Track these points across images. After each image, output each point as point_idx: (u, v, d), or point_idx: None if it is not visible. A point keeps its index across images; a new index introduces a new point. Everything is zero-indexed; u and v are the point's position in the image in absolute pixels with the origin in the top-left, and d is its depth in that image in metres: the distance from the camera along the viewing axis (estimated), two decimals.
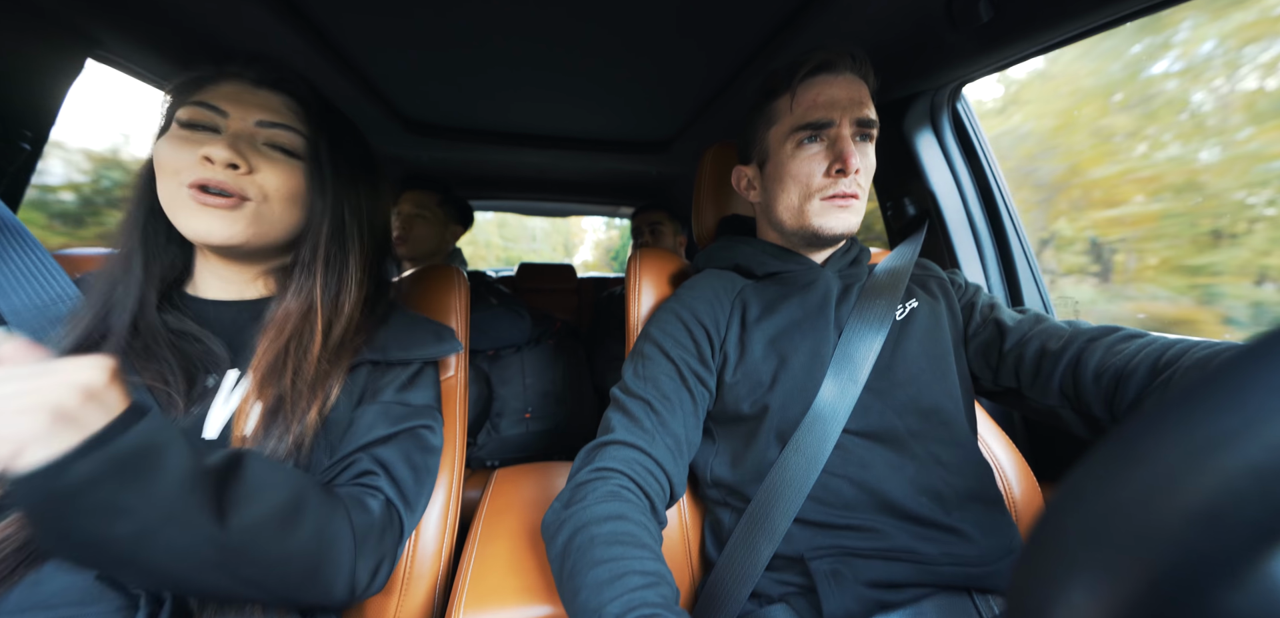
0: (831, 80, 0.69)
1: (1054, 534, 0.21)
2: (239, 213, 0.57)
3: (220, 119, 0.57)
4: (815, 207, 0.70)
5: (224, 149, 0.54)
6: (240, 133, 0.57)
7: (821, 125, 0.68)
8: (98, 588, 0.46)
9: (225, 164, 0.55)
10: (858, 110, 0.68)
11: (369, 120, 1.41)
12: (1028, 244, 1.12)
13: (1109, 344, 0.60)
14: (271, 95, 0.60)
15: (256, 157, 0.57)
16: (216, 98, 0.57)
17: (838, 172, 0.67)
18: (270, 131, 0.59)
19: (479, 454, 1.47)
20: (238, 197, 0.56)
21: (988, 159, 1.14)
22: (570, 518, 0.56)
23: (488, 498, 0.81)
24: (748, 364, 0.69)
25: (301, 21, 0.94)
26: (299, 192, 0.60)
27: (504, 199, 2.58)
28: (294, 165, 0.60)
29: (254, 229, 0.58)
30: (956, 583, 0.59)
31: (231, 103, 0.57)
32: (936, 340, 0.71)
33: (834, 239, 0.73)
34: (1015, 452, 0.89)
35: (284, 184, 0.59)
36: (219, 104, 0.57)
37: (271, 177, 0.58)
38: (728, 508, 0.71)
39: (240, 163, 0.55)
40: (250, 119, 0.58)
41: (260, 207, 0.58)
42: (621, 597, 0.47)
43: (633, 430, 0.65)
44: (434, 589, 0.71)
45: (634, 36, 1.03)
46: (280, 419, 0.55)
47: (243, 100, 0.58)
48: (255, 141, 0.58)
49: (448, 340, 0.73)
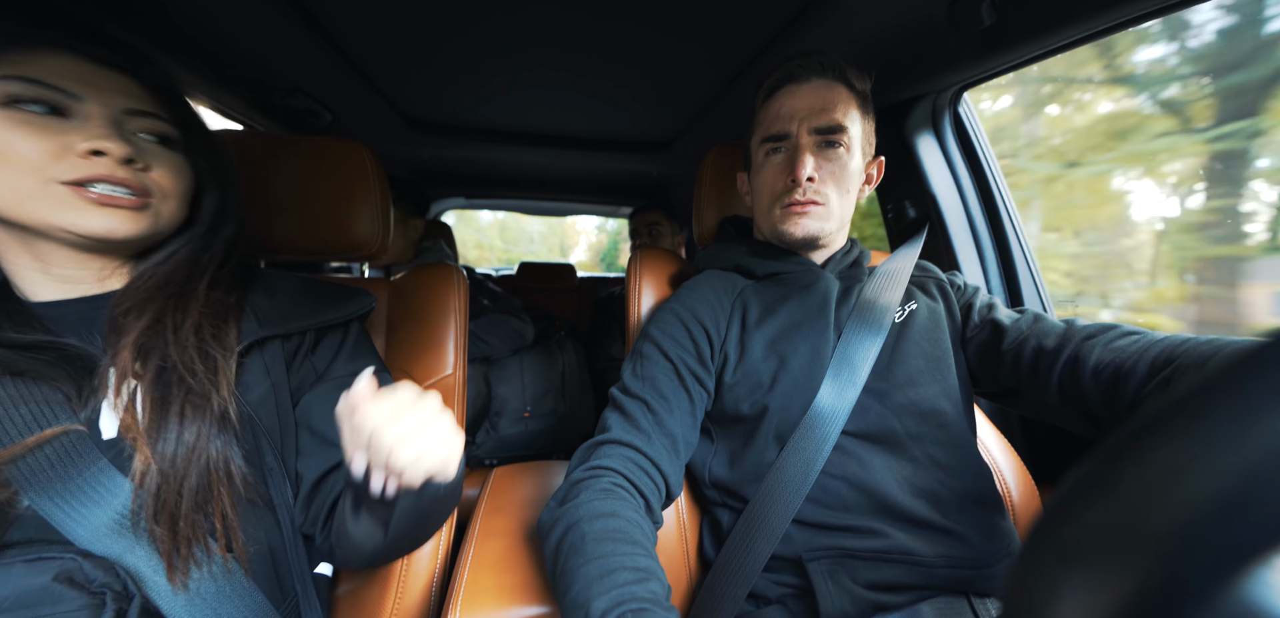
0: (794, 91, 0.72)
1: (1051, 536, 0.21)
2: (144, 213, 0.51)
3: (71, 102, 0.48)
4: (778, 214, 0.74)
5: (118, 143, 0.48)
6: (106, 120, 0.49)
7: (781, 137, 0.72)
8: (57, 589, 0.45)
9: (121, 158, 0.48)
10: (817, 118, 0.70)
11: (369, 117, 1.41)
12: (1028, 246, 1.12)
13: (1106, 341, 0.60)
14: (123, 78, 0.51)
15: (138, 150, 0.51)
16: (52, 75, 0.47)
17: (791, 181, 0.70)
18: (143, 121, 0.52)
19: (477, 453, 1.47)
20: (142, 195, 0.51)
21: (989, 162, 1.14)
22: (564, 516, 0.57)
23: (485, 497, 0.81)
24: (747, 365, 0.69)
25: (303, 18, 0.94)
26: (190, 188, 0.56)
27: (504, 198, 2.59)
28: (178, 157, 0.55)
29: (152, 227, 0.53)
30: (954, 586, 0.59)
31: (81, 84, 0.48)
32: (935, 342, 0.71)
33: (799, 245, 0.75)
34: (1013, 454, 0.88)
35: (178, 181, 0.54)
36: (62, 83, 0.47)
37: (164, 174, 0.53)
38: (726, 508, 0.70)
39: (138, 159, 0.50)
40: (114, 105, 0.50)
41: (160, 205, 0.53)
42: (610, 592, 0.47)
43: (629, 430, 0.65)
44: (430, 588, 0.71)
45: (636, 36, 1.03)
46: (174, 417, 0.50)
47: (95, 83, 0.49)
48: (128, 132, 0.51)
49: (358, 298, 0.69)
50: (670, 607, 0.49)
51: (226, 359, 0.54)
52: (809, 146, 0.70)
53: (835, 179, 0.71)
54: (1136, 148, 1.66)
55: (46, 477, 0.47)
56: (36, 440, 0.47)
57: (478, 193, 2.44)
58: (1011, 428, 1.10)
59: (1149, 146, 1.63)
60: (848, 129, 0.70)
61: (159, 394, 0.50)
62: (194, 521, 0.50)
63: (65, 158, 0.47)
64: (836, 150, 0.71)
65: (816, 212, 0.71)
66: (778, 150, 0.74)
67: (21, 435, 0.46)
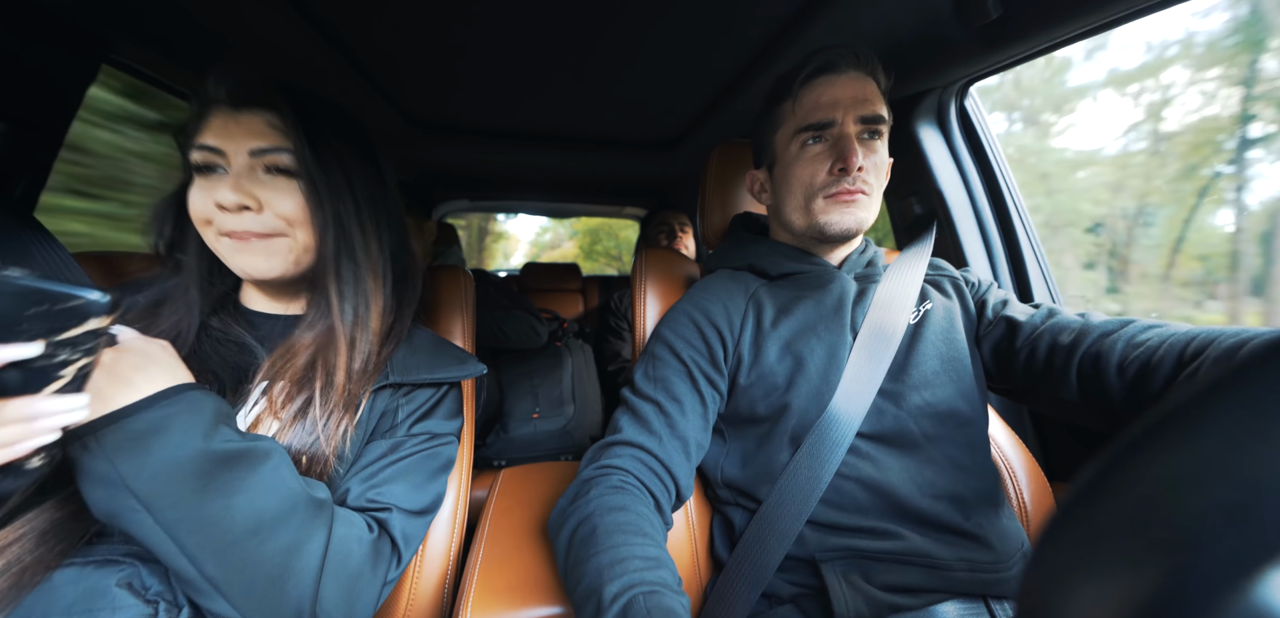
0: (834, 80, 0.69)
1: (1067, 533, 0.21)
2: (276, 245, 0.58)
3: (219, 159, 0.56)
4: (820, 205, 0.70)
5: (229, 192, 0.55)
6: (240, 170, 0.56)
7: (824, 125, 0.69)
8: (117, 595, 0.46)
9: (236, 208, 0.55)
10: (862, 107, 0.68)
11: (374, 119, 1.42)
12: (1037, 241, 1.11)
13: (1129, 337, 0.59)
14: (252, 117, 0.58)
15: (261, 190, 0.56)
16: (210, 136, 0.56)
17: (840, 170, 0.67)
18: (265, 158, 0.57)
19: (486, 454, 1.48)
20: (267, 233, 0.57)
21: (996, 157, 1.13)
22: (574, 512, 0.57)
23: (494, 498, 0.81)
24: (763, 366, 0.69)
25: (308, 22, 0.94)
26: (308, 211, 0.59)
27: (509, 199, 2.59)
28: (295, 185, 0.59)
29: (294, 257, 0.60)
30: (972, 589, 0.58)
31: (222, 139, 0.56)
32: (951, 342, 0.70)
33: (842, 237, 0.72)
34: (1025, 452, 0.88)
35: (297, 209, 0.58)
36: (214, 143, 0.56)
37: (283, 202, 0.58)
38: (738, 508, 0.70)
39: (250, 202, 0.55)
40: (243, 151, 0.57)
41: (292, 237, 0.59)
42: (621, 577, 0.48)
43: (640, 432, 0.64)
44: (442, 589, 0.71)
45: (640, 35, 1.03)
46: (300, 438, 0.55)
47: (230, 133, 0.57)
48: (256, 173, 0.57)
49: (470, 364, 0.72)
50: (681, 592, 0.49)
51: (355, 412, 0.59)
52: (855, 134, 0.68)
53: (877, 171, 0.70)
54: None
55: None
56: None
57: (482, 195, 2.45)
58: (1023, 424, 1.09)
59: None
60: (885, 118, 0.70)
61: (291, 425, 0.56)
62: None
63: (214, 213, 0.56)
64: (879, 142, 0.70)
65: (863, 201, 0.69)
66: (819, 139, 0.70)
67: None
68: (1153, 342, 0.56)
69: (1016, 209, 1.12)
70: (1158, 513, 0.18)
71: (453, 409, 0.71)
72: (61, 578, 0.46)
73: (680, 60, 1.13)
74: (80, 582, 0.46)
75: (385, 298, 0.65)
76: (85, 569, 0.47)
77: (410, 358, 0.66)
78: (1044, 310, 0.71)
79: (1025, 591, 0.22)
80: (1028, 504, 0.82)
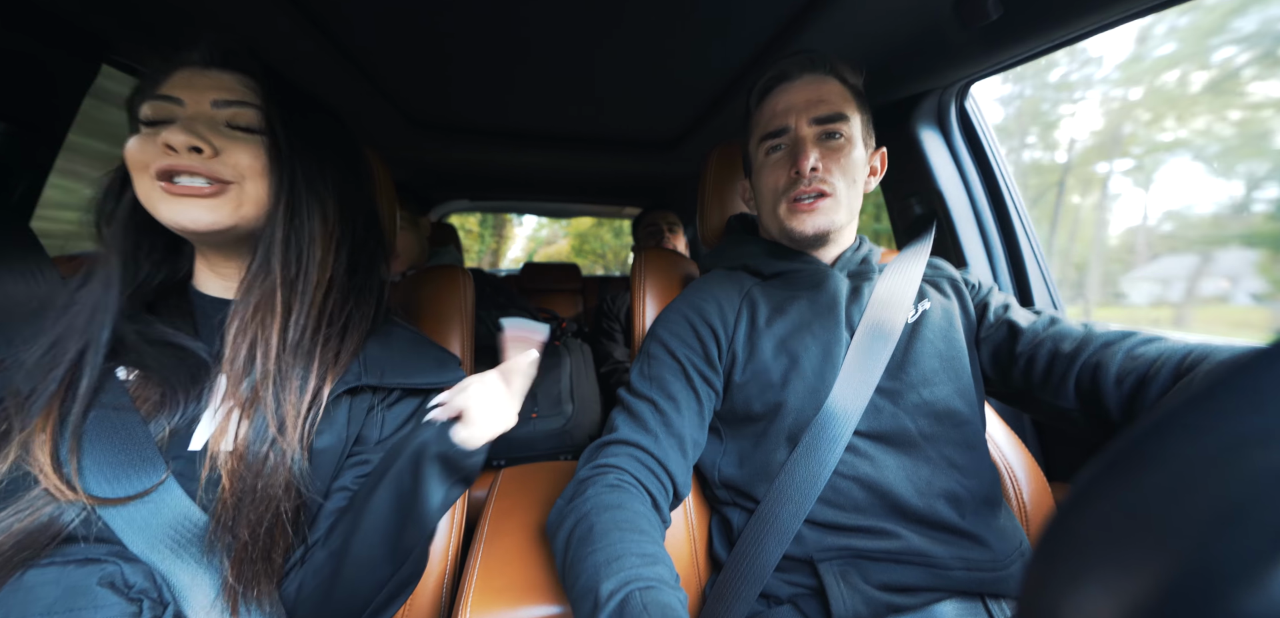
0: (788, 88, 0.72)
1: (1068, 533, 0.21)
2: (222, 199, 0.54)
3: (176, 108, 0.54)
4: (784, 210, 0.72)
5: (181, 133, 0.51)
6: (197, 116, 0.54)
7: (780, 132, 0.72)
8: (99, 594, 0.45)
9: (187, 148, 0.52)
10: (815, 109, 0.70)
11: (375, 119, 1.42)
12: (1037, 243, 1.11)
13: (1129, 349, 0.59)
14: (223, 75, 0.57)
15: (218, 138, 0.54)
16: (170, 88, 0.55)
17: (795, 173, 0.69)
18: (228, 111, 0.55)
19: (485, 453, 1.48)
20: (216, 182, 0.54)
21: (996, 158, 1.13)
22: (571, 511, 0.57)
23: (494, 497, 0.81)
24: (757, 364, 0.69)
25: (308, 21, 0.94)
26: (267, 167, 0.57)
27: (508, 199, 2.59)
28: (257, 141, 0.56)
29: (239, 212, 0.55)
30: (970, 588, 0.59)
31: (184, 89, 0.55)
32: (949, 341, 0.71)
33: (812, 241, 0.74)
34: (1025, 452, 0.88)
35: (254, 161, 0.55)
36: (173, 93, 0.54)
37: (241, 155, 0.55)
38: (736, 508, 0.70)
39: (202, 146, 0.52)
40: (205, 101, 0.55)
41: (240, 188, 0.55)
42: (618, 574, 0.48)
43: (637, 431, 0.65)
44: (440, 588, 0.71)
45: (639, 36, 1.03)
46: (260, 428, 0.52)
47: (195, 84, 0.55)
48: (215, 123, 0.55)
49: (451, 369, 0.69)
50: (678, 587, 0.49)
51: (316, 400, 0.55)
52: (810, 137, 0.70)
53: (840, 168, 0.70)
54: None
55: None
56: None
57: (481, 194, 2.45)
58: (1022, 425, 1.09)
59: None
60: (847, 116, 0.70)
61: (251, 421, 0.52)
62: (263, 548, 0.51)
63: (156, 156, 0.52)
64: (838, 140, 0.70)
65: (825, 204, 0.70)
66: (778, 148, 0.73)
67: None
68: (1151, 355, 0.57)
69: (1016, 210, 1.12)
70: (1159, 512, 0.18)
71: None
72: (41, 577, 0.45)
73: (679, 61, 1.13)
74: (61, 581, 0.45)
75: (336, 274, 0.61)
76: (66, 569, 0.46)
77: (385, 356, 0.63)
78: (1046, 318, 0.71)
79: (1025, 592, 0.22)
80: (1027, 504, 0.82)
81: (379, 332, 0.65)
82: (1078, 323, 0.68)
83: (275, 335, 0.55)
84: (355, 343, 0.61)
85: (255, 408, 0.53)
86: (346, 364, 0.59)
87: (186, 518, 0.50)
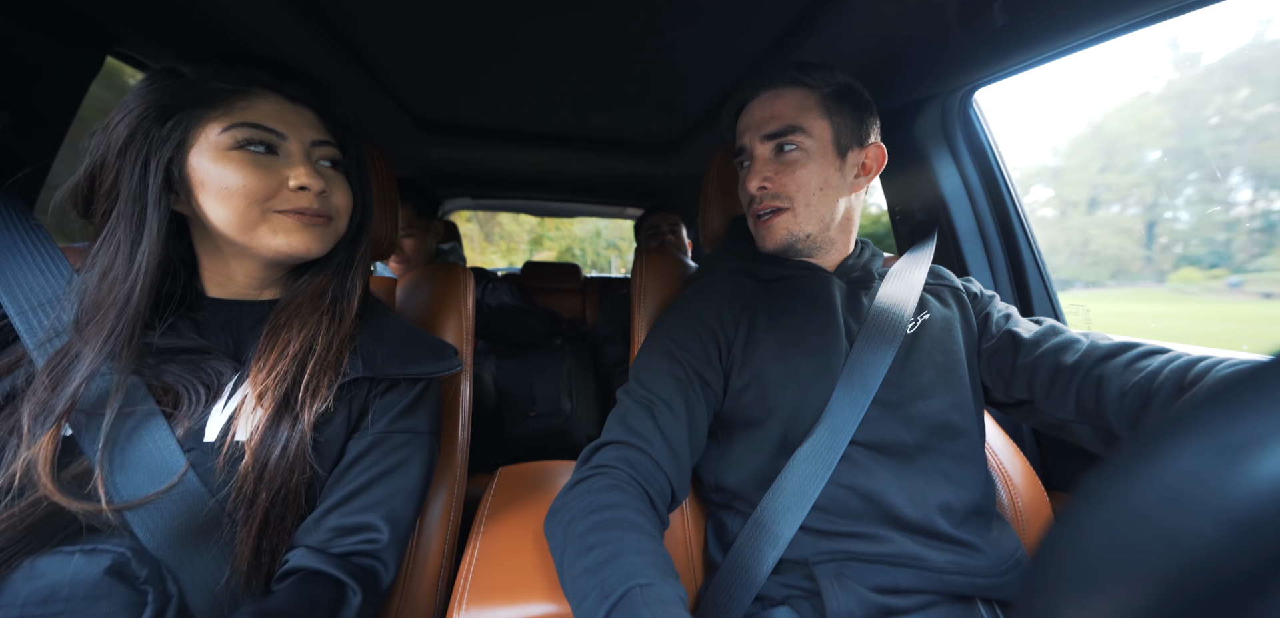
0: (748, 110, 0.75)
1: (1069, 542, 0.21)
2: (326, 230, 0.61)
3: (279, 141, 0.58)
4: (752, 224, 0.76)
5: (313, 178, 0.57)
6: (302, 153, 0.59)
7: (741, 153, 0.76)
8: (107, 583, 0.46)
9: (318, 191, 0.59)
10: (765, 126, 0.72)
11: (377, 118, 1.42)
12: (1039, 251, 1.11)
13: (1130, 361, 0.59)
14: (307, 112, 0.62)
15: (322, 178, 0.60)
16: (263, 117, 0.57)
17: (750, 191, 0.73)
18: (322, 150, 0.62)
19: (483, 452, 1.48)
20: (323, 215, 0.60)
21: (1000, 165, 1.13)
22: (569, 510, 0.57)
23: (490, 496, 0.81)
24: (756, 369, 0.69)
25: (314, 18, 0.95)
26: (350, 203, 0.65)
27: (511, 199, 2.59)
28: (344, 180, 0.64)
29: (333, 243, 0.63)
30: (965, 592, 0.59)
31: (281, 124, 0.58)
32: (948, 352, 0.70)
33: (776, 252, 0.76)
34: (1023, 461, 0.87)
35: (345, 199, 0.63)
36: (272, 125, 0.57)
37: (339, 194, 0.62)
38: (732, 511, 0.70)
39: (326, 188, 0.59)
40: (305, 138, 0.60)
41: (336, 221, 0.63)
42: (617, 573, 0.48)
43: (635, 432, 0.64)
44: (435, 588, 0.71)
45: (644, 37, 1.03)
46: (284, 422, 0.55)
47: (289, 121, 0.59)
48: (315, 162, 0.61)
49: (448, 357, 0.70)
50: (677, 583, 0.49)
51: (326, 396, 0.58)
52: (762, 155, 0.72)
53: (796, 181, 0.70)
54: None
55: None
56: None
57: (485, 193, 2.45)
58: (1021, 434, 1.09)
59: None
60: (803, 127, 0.70)
61: (273, 414, 0.55)
62: (279, 514, 0.54)
63: (280, 192, 0.57)
64: (791, 152, 0.71)
65: (782, 219, 0.72)
66: (743, 166, 0.77)
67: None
68: (1154, 367, 0.56)
69: (1019, 219, 1.11)
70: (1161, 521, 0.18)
71: (433, 407, 0.70)
72: (50, 565, 0.46)
73: (684, 62, 1.13)
74: (67, 569, 0.46)
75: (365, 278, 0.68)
76: (72, 557, 0.47)
77: (377, 346, 0.64)
78: (1048, 328, 0.70)
79: (1024, 597, 0.22)
80: (1024, 513, 0.82)
81: (370, 322, 0.67)
82: (1080, 333, 0.68)
83: (309, 336, 0.59)
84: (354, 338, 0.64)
85: (278, 397, 0.55)
86: (345, 358, 0.62)
87: (200, 506, 0.51)
